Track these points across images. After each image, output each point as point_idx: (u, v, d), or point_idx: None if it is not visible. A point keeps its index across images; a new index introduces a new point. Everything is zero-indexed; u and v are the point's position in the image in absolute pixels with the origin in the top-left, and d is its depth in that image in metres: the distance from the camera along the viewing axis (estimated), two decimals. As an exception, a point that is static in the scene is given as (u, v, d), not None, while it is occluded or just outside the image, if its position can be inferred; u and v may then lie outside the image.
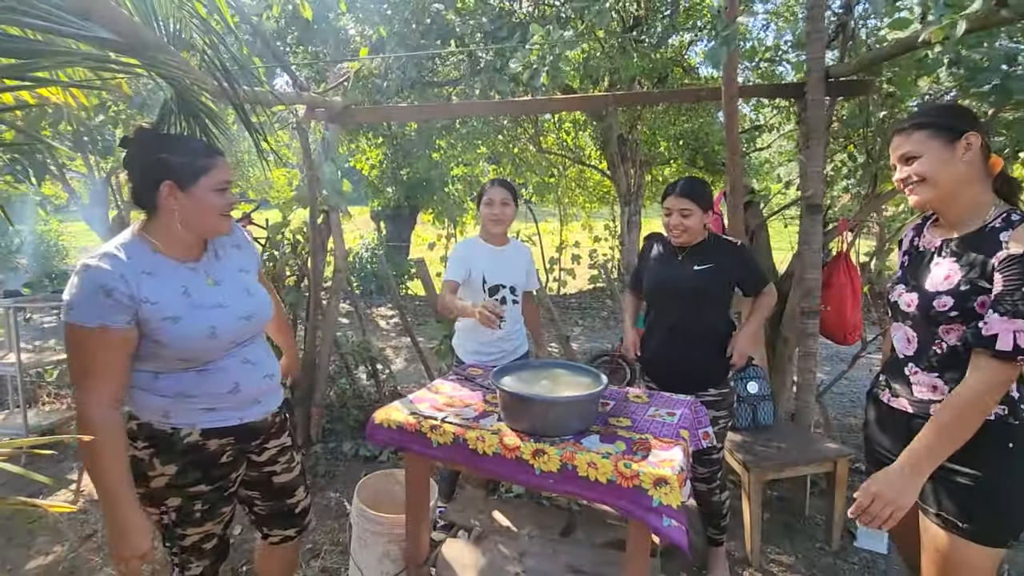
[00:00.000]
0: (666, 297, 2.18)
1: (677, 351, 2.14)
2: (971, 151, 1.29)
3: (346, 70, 2.84)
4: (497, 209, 2.34)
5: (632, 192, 8.74)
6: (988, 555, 1.31)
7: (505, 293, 2.40)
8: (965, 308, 1.27)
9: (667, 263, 2.19)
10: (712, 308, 2.13)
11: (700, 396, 2.08)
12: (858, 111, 2.87)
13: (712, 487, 2.20)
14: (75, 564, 2.34)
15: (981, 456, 1.30)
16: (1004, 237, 1.25)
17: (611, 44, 4.73)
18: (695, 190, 2.07)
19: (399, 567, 2.04)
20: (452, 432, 1.72)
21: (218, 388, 1.43)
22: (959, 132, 1.29)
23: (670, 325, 2.16)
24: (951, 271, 1.31)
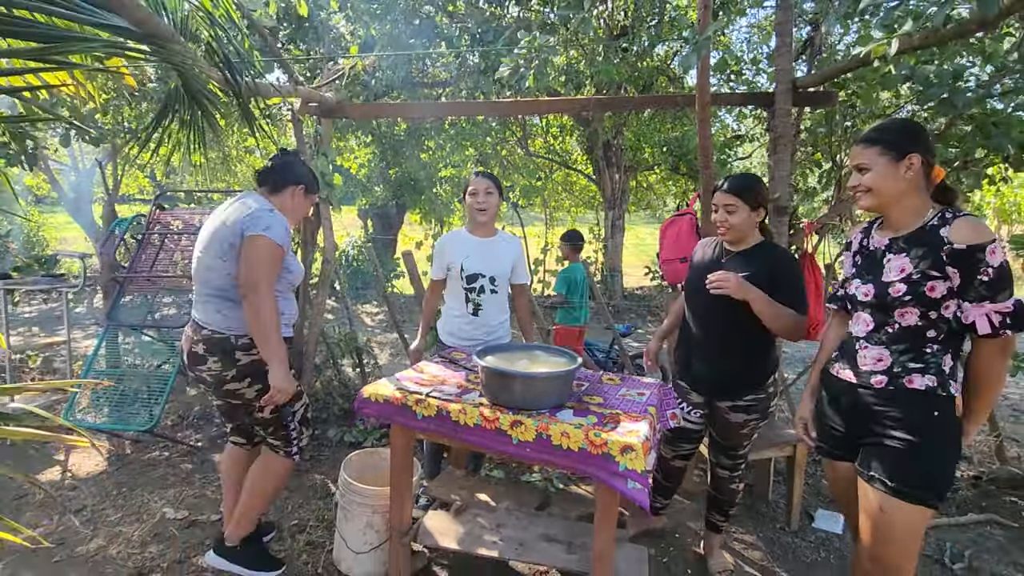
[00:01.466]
0: (700, 301, 2.07)
1: (710, 359, 2.09)
2: (912, 169, 1.50)
3: (340, 67, 2.95)
4: (482, 198, 2.40)
5: (617, 196, 8.94)
6: (917, 514, 1.47)
7: (484, 283, 2.44)
8: (917, 292, 1.46)
9: (708, 267, 2.08)
10: (747, 316, 1.92)
11: (735, 401, 2.05)
12: (824, 120, 3.06)
13: (732, 475, 2.21)
14: (64, 535, 2.40)
15: (912, 423, 1.47)
16: (944, 232, 1.44)
17: (594, 51, 4.90)
18: (743, 186, 1.97)
19: (382, 537, 2.14)
20: (436, 405, 1.84)
21: (291, 310, 2.11)
22: (904, 152, 1.49)
23: (705, 329, 2.09)
24: (903, 264, 1.50)
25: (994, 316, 1.38)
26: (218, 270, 1.94)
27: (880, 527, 1.50)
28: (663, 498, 2.47)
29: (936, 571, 2.36)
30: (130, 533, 2.43)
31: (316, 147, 3.30)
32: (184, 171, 9.56)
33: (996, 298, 1.38)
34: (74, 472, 2.95)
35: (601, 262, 9.22)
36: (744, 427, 2.10)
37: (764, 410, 2.09)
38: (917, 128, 1.57)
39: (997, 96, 2.72)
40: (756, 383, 2.05)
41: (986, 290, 1.38)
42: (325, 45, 4.32)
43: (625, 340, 4.51)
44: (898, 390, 1.50)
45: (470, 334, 2.48)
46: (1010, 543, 2.56)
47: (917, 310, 1.47)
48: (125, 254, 3.72)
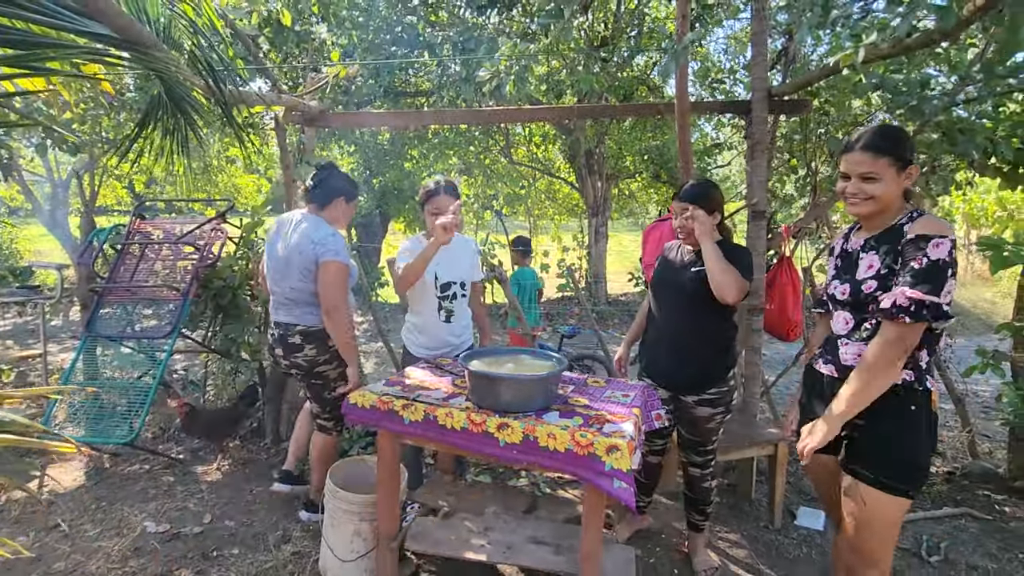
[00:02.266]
0: (664, 297, 2.22)
1: (673, 353, 2.16)
2: (911, 179, 1.55)
3: (323, 75, 2.96)
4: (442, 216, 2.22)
5: (599, 204, 9.04)
6: (895, 503, 1.52)
7: (456, 289, 2.45)
8: (887, 287, 1.51)
9: (672, 265, 2.23)
10: (709, 310, 2.06)
11: (700, 395, 2.13)
12: (799, 127, 3.15)
13: (704, 473, 2.26)
14: (42, 552, 2.34)
15: (890, 416, 1.52)
16: (907, 228, 1.51)
17: (573, 60, 4.98)
18: (697, 193, 2.09)
19: (369, 545, 2.13)
20: (423, 410, 1.84)
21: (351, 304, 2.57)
22: (908, 163, 1.54)
23: (667, 326, 2.19)
24: (873, 262, 1.57)
25: (901, 298, 1.41)
26: (303, 289, 2.38)
27: (861, 517, 1.55)
28: (644, 496, 2.51)
29: (914, 563, 2.41)
30: (109, 548, 2.38)
31: (300, 156, 3.30)
32: (164, 181, 9.43)
33: (916, 286, 1.40)
34: (51, 487, 2.88)
35: (585, 268, 9.28)
36: (710, 421, 2.17)
37: (728, 403, 2.19)
38: (910, 137, 1.63)
39: (961, 104, 2.84)
40: (719, 376, 2.14)
41: (912, 276, 1.41)
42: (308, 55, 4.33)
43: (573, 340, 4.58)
44: None
45: (444, 340, 2.48)
46: (984, 535, 2.63)
47: None
48: (104, 264, 3.65)
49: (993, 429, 3.92)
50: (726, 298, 1.98)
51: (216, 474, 3.07)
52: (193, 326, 3.54)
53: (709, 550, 2.41)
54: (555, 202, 11.57)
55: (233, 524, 2.59)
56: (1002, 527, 2.70)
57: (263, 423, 3.50)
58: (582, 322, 7.93)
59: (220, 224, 3.45)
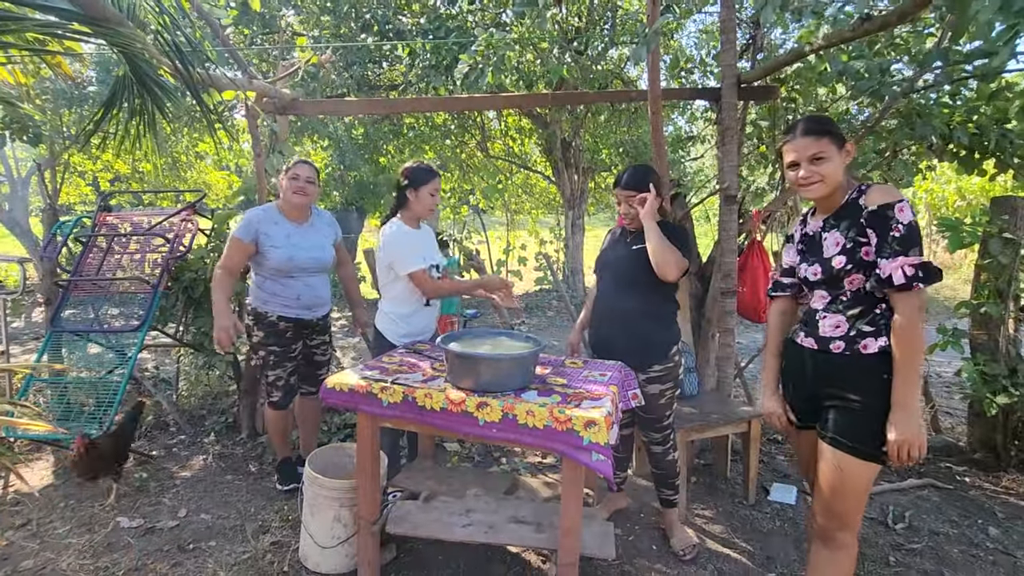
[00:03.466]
0: (606, 276, 2.33)
1: (617, 329, 2.25)
2: (850, 155, 1.65)
3: (295, 60, 2.92)
4: (437, 199, 2.47)
5: (576, 197, 9.09)
6: (866, 468, 1.58)
7: (435, 274, 2.50)
8: (856, 259, 1.59)
9: (613, 245, 2.37)
10: (648, 286, 2.17)
11: (647, 372, 2.21)
12: (768, 114, 3.22)
13: (666, 448, 2.33)
14: (9, 551, 2.27)
15: (866, 386, 1.57)
16: (862, 201, 1.59)
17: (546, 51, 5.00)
18: (639, 181, 2.20)
19: (350, 531, 2.13)
20: (401, 392, 1.85)
21: (290, 294, 2.58)
22: (843, 140, 1.65)
23: (610, 304, 2.28)
24: (837, 239, 1.63)
25: (907, 268, 1.48)
26: None
27: (835, 483, 1.59)
28: (619, 471, 2.57)
29: (880, 531, 2.51)
30: (80, 544, 2.32)
31: (272, 145, 3.26)
32: (131, 178, 9.17)
33: (908, 252, 1.49)
34: (17, 486, 2.80)
35: (562, 262, 9.34)
36: (661, 397, 2.25)
37: (675, 378, 2.28)
38: (834, 121, 1.73)
39: (920, 91, 2.95)
40: (662, 353, 2.23)
41: (899, 245, 1.49)
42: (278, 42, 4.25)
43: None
44: (854, 355, 1.59)
45: (425, 325, 2.54)
46: (946, 504, 2.74)
47: (861, 275, 1.59)
48: (69, 258, 3.55)
49: (954, 406, 4.09)
50: (667, 276, 2.09)
51: (191, 469, 3.02)
52: (164, 320, 3.47)
53: (686, 527, 2.47)
54: (532, 196, 11.60)
55: (209, 517, 2.56)
56: (962, 496, 2.82)
57: (239, 417, 3.44)
58: (560, 315, 7.99)
59: (190, 215, 3.38)
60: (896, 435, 1.49)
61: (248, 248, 2.49)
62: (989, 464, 3.07)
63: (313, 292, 2.63)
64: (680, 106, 7.47)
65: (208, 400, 3.85)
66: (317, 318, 2.70)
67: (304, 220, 2.63)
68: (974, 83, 2.84)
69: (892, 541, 2.44)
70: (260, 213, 2.56)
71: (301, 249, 2.54)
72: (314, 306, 2.65)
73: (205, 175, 10.00)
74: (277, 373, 2.63)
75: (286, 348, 2.62)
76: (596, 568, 2.21)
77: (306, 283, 2.60)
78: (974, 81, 2.80)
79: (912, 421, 1.48)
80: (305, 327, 2.68)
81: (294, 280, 2.57)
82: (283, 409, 2.73)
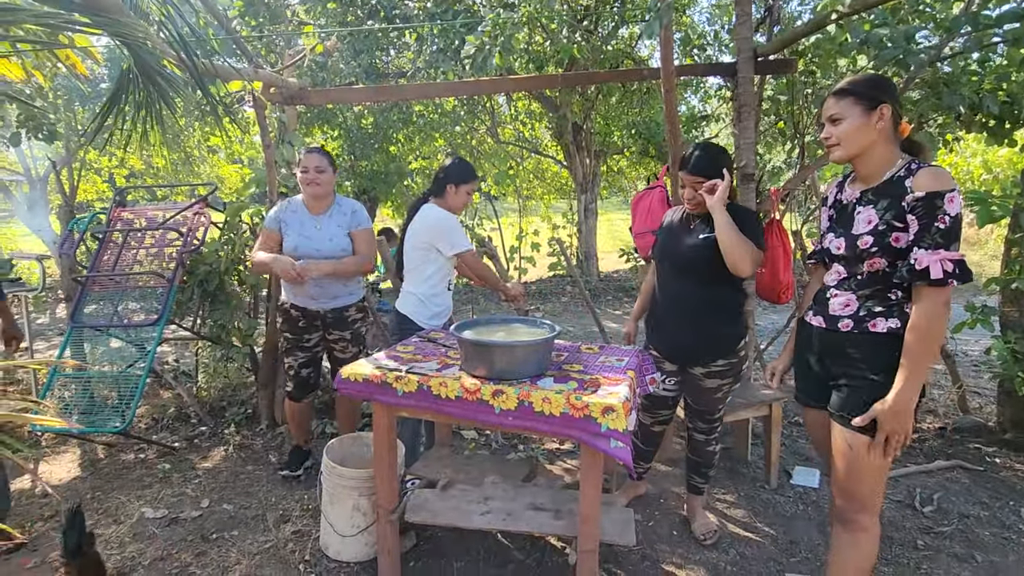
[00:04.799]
0: (669, 266, 2.15)
1: (680, 323, 2.11)
2: (883, 119, 1.53)
3: (301, 48, 2.89)
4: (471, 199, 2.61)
5: (588, 181, 8.99)
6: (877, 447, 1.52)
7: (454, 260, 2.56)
8: (883, 244, 1.51)
9: (676, 232, 2.15)
10: (717, 278, 2.01)
11: (709, 367, 2.09)
12: (786, 88, 3.12)
13: (710, 438, 2.25)
14: (37, 543, 2.32)
15: (876, 364, 1.52)
16: (908, 183, 1.48)
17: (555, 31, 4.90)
18: (708, 164, 2.01)
19: (369, 519, 2.13)
20: (416, 381, 1.83)
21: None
22: (877, 102, 1.52)
23: (673, 296, 2.13)
24: (871, 216, 1.55)
25: (947, 263, 1.41)
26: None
27: (850, 463, 1.56)
28: (644, 462, 2.52)
29: (908, 514, 2.45)
30: (108, 535, 2.36)
31: (281, 136, 3.24)
32: (145, 174, 9.27)
33: (949, 247, 1.41)
34: (46, 478, 2.86)
35: (575, 246, 9.26)
36: (718, 391, 2.15)
37: (737, 373, 2.15)
38: (887, 80, 1.62)
39: (947, 59, 2.82)
40: (728, 348, 2.09)
41: (942, 238, 1.41)
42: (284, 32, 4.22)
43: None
44: (863, 333, 1.55)
45: (448, 306, 2.61)
46: (976, 485, 2.68)
47: (884, 260, 1.52)
48: (86, 254, 3.59)
49: (982, 385, 3.98)
50: (742, 272, 1.94)
51: (213, 460, 3.06)
52: (181, 314, 3.50)
53: (707, 511, 2.44)
54: (544, 181, 11.49)
55: (231, 507, 2.59)
56: (993, 477, 2.75)
57: (258, 409, 3.48)
58: (575, 300, 7.94)
59: (203, 208, 3.39)
60: (889, 424, 1.45)
61: (273, 235, 2.58)
62: (1020, 444, 2.99)
63: (315, 282, 2.57)
64: (693, 84, 7.31)
65: (228, 392, 3.89)
66: (325, 310, 2.65)
67: (323, 210, 2.60)
68: (1004, 48, 2.71)
69: (920, 524, 2.39)
70: (286, 203, 2.63)
71: (307, 239, 2.55)
72: (319, 297, 2.61)
73: (218, 169, 10.07)
74: (289, 361, 2.72)
75: (298, 337, 2.67)
76: (616, 554, 2.19)
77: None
78: (1004, 46, 2.67)
79: (907, 414, 1.45)
80: (316, 318, 2.66)
81: None
82: (298, 402, 2.77)
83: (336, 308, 2.68)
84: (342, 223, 2.64)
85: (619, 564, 2.15)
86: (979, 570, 2.13)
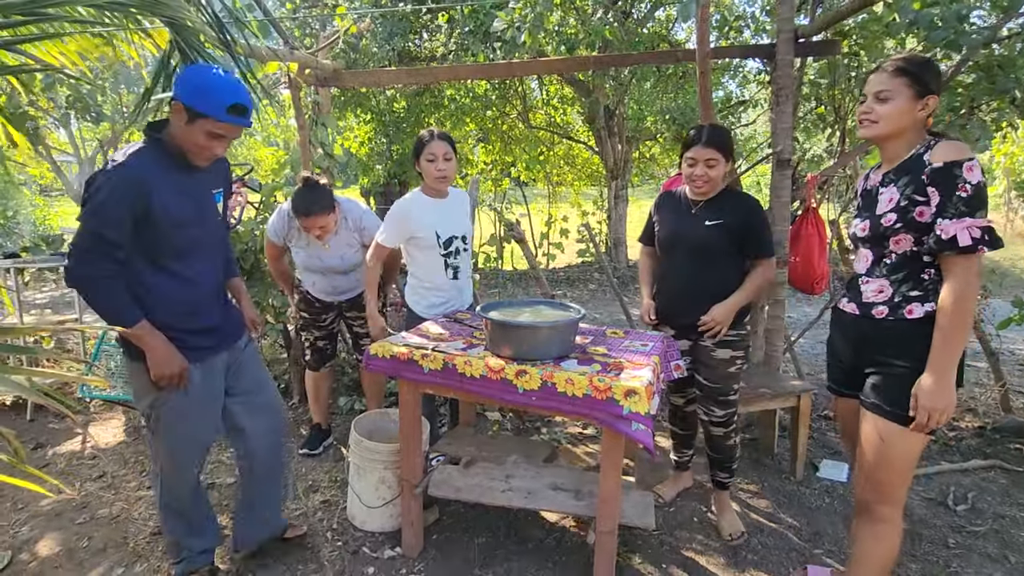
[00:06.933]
0: (678, 250, 2.19)
1: (690, 302, 2.14)
2: (927, 110, 1.50)
3: (336, 29, 2.92)
4: (441, 164, 2.30)
5: (620, 167, 8.87)
6: (914, 439, 1.50)
7: (458, 244, 2.42)
8: (907, 220, 1.48)
9: (681, 216, 2.18)
10: (723, 262, 2.12)
11: (718, 336, 2.11)
12: (827, 71, 3.01)
13: (728, 431, 2.22)
14: (87, 500, 2.47)
15: (912, 350, 1.48)
16: (927, 157, 1.46)
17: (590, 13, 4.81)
18: (722, 139, 2.03)
19: (395, 492, 2.20)
20: (442, 359, 1.87)
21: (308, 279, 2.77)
22: (927, 91, 1.49)
23: (683, 277, 2.17)
24: (892, 195, 1.53)
25: (973, 230, 1.38)
26: None
27: (879, 453, 1.53)
28: (686, 449, 2.51)
29: (940, 512, 2.39)
30: (150, 496, 2.49)
31: (316, 117, 3.30)
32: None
33: (974, 214, 1.38)
34: (94, 443, 3.03)
35: (605, 233, 9.18)
36: (731, 364, 2.15)
37: (746, 347, 2.19)
38: (938, 69, 1.57)
39: (1003, 41, 2.67)
40: (737, 318, 2.12)
41: (965, 206, 1.38)
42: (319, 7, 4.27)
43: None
44: (899, 320, 1.51)
45: (451, 297, 2.45)
46: (1013, 486, 2.58)
47: (910, 236, 1.49)
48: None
49: (1027, 385, 3.82)
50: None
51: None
52: (219, 290, 3.62)
53: (733, 503, 2.38)
54: (574, 167, 11.38)
55: (264, 476, 2.69)
56: (1033, 479, 2.65)
57: (290, 384, 3.59)
58: (603, 287, 7.88)
59: (240, 188, 3.48)
60: (930, 401, 1.41)
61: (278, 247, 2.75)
62: (1064, 446, 2.87)
63: (330, 283, 2.72)
64: (731, 69, 7.10)
65: (261, 367, 4.02)
66: (340, 301, 2.80)
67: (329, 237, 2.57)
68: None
69: (952, 523, 2.33)
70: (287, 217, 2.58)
71: (317, 259, 2.64)
72: (332, 293, 2.76)
73: (254, 151, 10.31)
74: (305, 335, 2.90)
75: (315, 316, 2.83)
76: (636, 537, 2.21)
77: (324, 276, 2.72)
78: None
79: (948, 388, 1.41)
80: (332, 307, 2.82)
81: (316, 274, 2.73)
82: (315, 371, 2.94)
83: (351, 298, 2.80)
84: (352, 241, 2.62)
85: (638, 548, 2.17)
86: (1012, 571, 2.07)
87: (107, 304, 1.57)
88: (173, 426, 1.78)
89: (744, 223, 2.08)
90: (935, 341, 1.43)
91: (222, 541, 2.07)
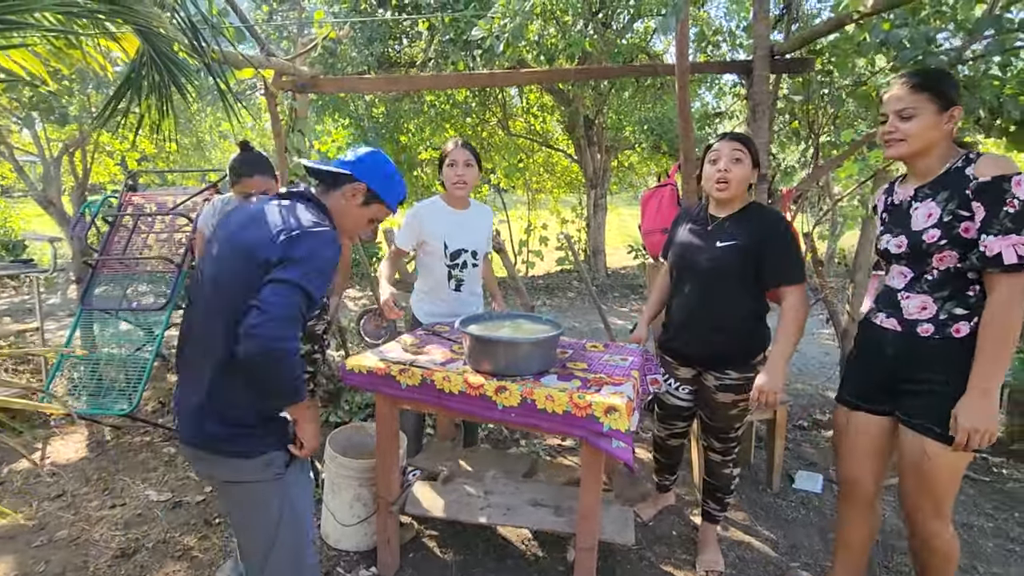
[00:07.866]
0: (686, 269, 2.02)
1: (696, 328, 1.99)
2: (952, 122, 1.50)
3: (312, 36, 2.87)
4: (461, 170, 2.30)
5: (598, 176, 8.94)
6: (959, 457, 1.49)
7: (466, 258, 2.39)
8: (952, 235, 1.46)
9: (694, 232, 2.02)
10: (736, 287, 1.90)
11: (720, 378, 1.97)
12: (801, 87, 3.08)
13: (726, 459, 2.10)
14: (44, 521, 2.36)
15: (954, 367, 1.47)
16: (969, 171, 1.45)
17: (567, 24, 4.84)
18: (747, 139, 1.92)
19: (370, 510, 2.14)
20: (420, 374, 1.83)
21: None
22: (950, 103, 1.48)
23: (691, 299, 2.00)
24: (931, 210, 1.51)
25: (1020, 248, 1.35)
26: None
27: (925, 473, 1.52)
28: (669, 475, 2.42)
29: (911, 523, 2.44)
30: (112, 516, 2.40)
31: (292, 123, 3.23)
32: (157, 158, 9.31)
33: (1020, 231, 1.36)
34: (53, 459, 2.90)
35: (584, 241, 9.23)
36: (733, 407, 2.01)
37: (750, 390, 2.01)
38: (956, 80, 1.57)
39: (969, 62, 2.76)
40: (747, 358, 1.96)
41: (1011, 222, 1.36)
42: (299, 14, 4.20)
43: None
44: (946, 339, 1.49)
45: (452, 310, 2.43)
46: (981, 496, 2.65)
47: (956, 253, 1.47)
48: (97, 236, 3.61)
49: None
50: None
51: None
52: (190, 300, 3.52)
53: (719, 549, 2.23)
54: (553, 175, 11.44)
55: (235, 493, 2.61)
56: (999, 488, 2.73)
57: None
58: (582, 296, 7.91)
59: (213, 195, 3.40)
60: (971, 422, 1.39)
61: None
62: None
63: None
64: (708, 81, 7.23)
65: (233, 378, 3.92)
66: None
67: None
68: (1029, 52, 2.65)
69: (922, 532, 2.37)
70: (222, 206, 2.60)
71: None
72: None
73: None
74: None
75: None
76: (615, 553, 2.19)
77: None
78: (1029, 50, 2.61)
79: (991, 409, 1.39)
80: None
81: None
82: None
83: None
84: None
85: (617, 563, 2.15)
86: (981, 581, 2.12)
87: (291, 377, 1.28)
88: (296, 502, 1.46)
89: (762, 244, 1.85)
90: (977, 360, 1.41)
91: None
